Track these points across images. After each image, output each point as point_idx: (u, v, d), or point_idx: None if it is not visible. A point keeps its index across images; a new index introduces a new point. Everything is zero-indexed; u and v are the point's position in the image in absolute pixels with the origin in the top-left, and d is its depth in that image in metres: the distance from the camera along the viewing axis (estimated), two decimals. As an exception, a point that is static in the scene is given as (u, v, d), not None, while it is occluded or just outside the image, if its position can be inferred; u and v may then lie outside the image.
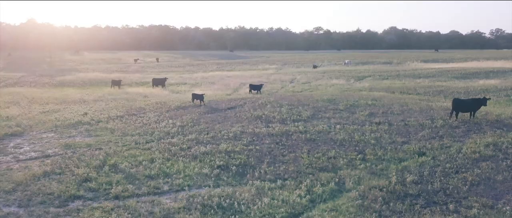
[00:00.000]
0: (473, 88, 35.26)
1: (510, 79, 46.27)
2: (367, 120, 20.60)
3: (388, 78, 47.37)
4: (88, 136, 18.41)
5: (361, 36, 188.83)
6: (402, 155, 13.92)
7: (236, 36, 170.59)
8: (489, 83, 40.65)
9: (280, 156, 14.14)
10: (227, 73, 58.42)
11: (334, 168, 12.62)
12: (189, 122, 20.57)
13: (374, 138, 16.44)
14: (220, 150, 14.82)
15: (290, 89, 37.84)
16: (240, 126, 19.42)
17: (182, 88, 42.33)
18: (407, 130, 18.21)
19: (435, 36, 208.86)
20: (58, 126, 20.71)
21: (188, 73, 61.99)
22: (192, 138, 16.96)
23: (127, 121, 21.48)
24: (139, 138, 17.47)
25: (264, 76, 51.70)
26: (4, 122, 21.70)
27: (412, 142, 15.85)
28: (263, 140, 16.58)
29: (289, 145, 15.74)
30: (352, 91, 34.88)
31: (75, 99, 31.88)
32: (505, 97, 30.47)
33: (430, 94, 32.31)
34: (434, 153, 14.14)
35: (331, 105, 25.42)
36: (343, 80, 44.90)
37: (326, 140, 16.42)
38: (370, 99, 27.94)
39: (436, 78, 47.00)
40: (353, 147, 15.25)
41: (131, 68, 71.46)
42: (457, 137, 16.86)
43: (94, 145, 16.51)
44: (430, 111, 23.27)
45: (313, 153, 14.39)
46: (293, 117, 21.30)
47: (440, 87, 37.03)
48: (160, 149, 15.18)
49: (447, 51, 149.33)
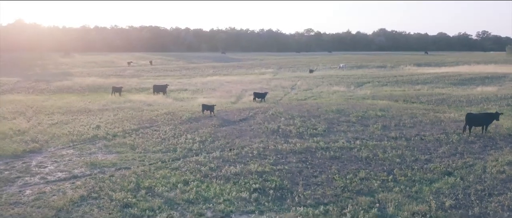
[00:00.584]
0: (473, 96, 35.96)
1: (505, 85, 47.31)
2: (383, 134, 20.94)
3: (388, 85, 47.96)
4: (109, 153, 18.34)
5: (351, 38, 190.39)
6: (430, 176, 14.22)
7: (227, 37, 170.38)
8: (487, 90, 41.50)
9: (312, 177, 14.33)
10: (225, 78, 58.41)
11: (370, 191, 12.86)
12: (207, 137, 20.62)
13: (397, 156, 16.75)
14: (250, 170, 14.93)
15: (293, 97, 38.04)
16: (260, 141, 19.55)
17: (184, 95, 42.23)
18: (425, 145, 18.58)
19: (423, 38, 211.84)
20: (74, 141, 20.57)
21: (186, 78, 61.78)
22: (217, 156, 17.03)
23: (144, 135, 21.42)
24: (163, 156, 17.47)
25: (263, 82, 51.86)
26: (18, 136, 21.46)
27: (435, 160, 16.21)
28: (288, 157, 16.75)
29: (316, 164, 15.94)
30: (355, 99, 35.28)
31: (80, 109, 31.61)
32: (507, 106, 31.18)
33: (433, 103, 32.88)
34: (461, 173, 14.50)
35: (342, 117, 25.72)
36: (344, 87, 45.31)
37: (351, 158, 16.67)
38: (378, 109, 28.34)
39: (434, 85, 47.78)
40: (380, 166, 15.53)
41: (126, 72, 70.89)
42: (476, 153, 17.29)
43: (119, 164, 16.46)
44: (441, 123, 23.75)
45: (343, 173, 14.62)
46: (309, 131, 21.51)
47: (441, 95, 37.67)
48: (190, 169, 15.22)
49: (436, 54, 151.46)
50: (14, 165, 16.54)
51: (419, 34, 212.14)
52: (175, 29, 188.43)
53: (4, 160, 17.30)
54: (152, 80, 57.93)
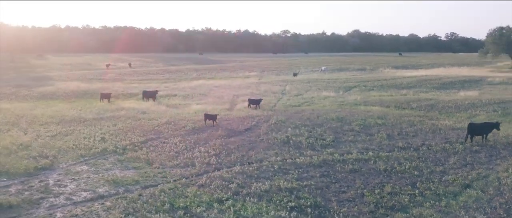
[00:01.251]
0: (460, 102, 37.38)
1: (484, 89, 49.40)
2: (390, 144, 21.60)
3: (374, 89, 49.14)
4: (125, 169, 18.11)
5: (326, 39, 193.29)
6: (452, 189, 14.88)
7: (204, 38, 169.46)
8: (470, 95, 43.21)
9: (341, 193, 14.69)
10: (212, 82, 58.22)
11: (402, 206, 13.35)
12: (220, 149, 20.67)
13: (413, 167, 17.38)
14: (279, 187, 15.14)
15: (287, 103, 38.42)
16: (274, 154, 19.79)
17: (175, 101, 41.87)
18: (435, 156, 19.33)
19: (395, 39, 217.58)
20: (84, 156, 20.17)
21: (171, 82, 61.16)
22: (238, 171, 17.16)
23: (155, 148, 21.24)
24: (183, 171, 17.43)
25: (252, 86, 52.05)
26: (22, 151, 20.82)
27: (450, 171, 16.94)
28: (309, 172, 17.07)
29: (339, 178, 16.33)
30: (349, 105, 36.01)
31: (73, 118, 30.88)
32: (494, 112, 32.62)
33: (424, 109, 33.96)
34: (479, 185, 15.25)
35: (345, 125, 26.30)
36: (333, 92, 46.09)
37: (370, 171, 17.17)
38: (376, 117, 29.11)
39: (418, 89, 49.31)
40: (401, 179, 16.08)
41: (107, 76, 69.48)
42: (485, 163, 18.16)
43: (142, 181, 16.32)
44: (440, 132, 24.68)
45: (370, 188, 15.07)
46: (319, 142, 21.92)
47: (429, 100, 38.93)
48: (217, 186, 15.28)
49: (410, 55, 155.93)
50: (32, 184, 16.12)
51: (392, 35, 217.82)
52: (150, 30, 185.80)
53: (18, 179, 16.82)
54: (137, 85, 57.08)
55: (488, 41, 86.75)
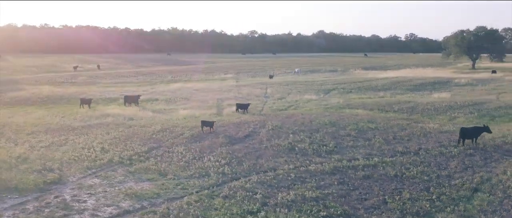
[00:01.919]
0: (437, 104, 39.28)
1: (454, 91, 52.07)
2: (390, 149, 22.55)
3: (352, 92, 50.67)
4: (140, 181, 17.92)
5: (293, 40, 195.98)
6: (463, 193, 15.89)
7: (171, 38, 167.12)
8: (443, 97, 45.45)
9: (364, 201, 15.32)
10: (190, 85, 57.82)
11: (426, 212, 14.14)
12: (230, 158, 20.80)
13: (420, 172, 18.33)
14: (304, 196, 15.56)
15: (273, 107, 38.93)
16: (284, 161, 20.21)
17: (159, 106, 41.43)
18: (436, 160, 20.43)
19: (359, 40, 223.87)
20: (91, 168, 19.74)
21: (148, 85, 60.23)
22: (257, 180, 17.43)
23: (161, 158, 21.08)
24: (201, 182, 17.48)
25: (233, 89, 52.23)
26: (22, 164, 20.05)
27: (455, 176, 18.02)
28: (325, 179, 17.61)
29: (355, 185, 16.97)
30: (334, 109, 36.95)
31: (60, 126, 29.92)
32: (470, 114, 34.57)
33: (406, 112, 35.33)
34: (486, 188, 16.37)
35: (340, 130, 27.10)
36: (314, 95, 47.12)
37: (382, 177, 17.96)
38: (366, 121, 30.14)
39: (394, 91, 51.32)
40: (414, 184, 16.94)
41: (79, 79, 67.36)
42: (482, 166, 19.42)
43: (163, 194, 16.24)
44: (431, 135, 25.96)
45: (389, 194, 15.81)
46: (323, 148, 22.54)
47: (407, 102, 40.60)
48: (243, 197, 15.48)
49: (373, 55, 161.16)
50: (48, 201, 15.65)
51: (355, 36, 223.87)
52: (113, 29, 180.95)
53: (31, 195, 16.28)
54: (113, 88, 55.78)
55: (451, 43, 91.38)
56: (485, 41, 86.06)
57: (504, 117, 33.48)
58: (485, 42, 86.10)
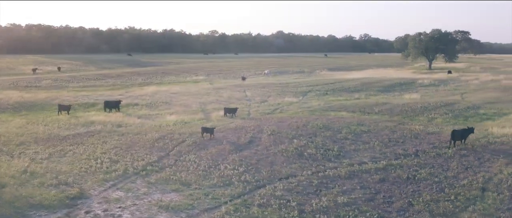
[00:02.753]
0: (412, 105, 41.57)
1: (421, 91, 55.10)
2: (391, 152, 23.92)
3: (328, 94, 52.35)
4: (166, 192, 17.96)
5: (253, 40, 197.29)
6: (475, 193, 17.42)
7: (130, 38, 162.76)
8: (414, 98, 48.03)
9: (390, 203, 16.41)
10: (165, 88, 57.05)
11: (452, 213, 15.42)
12: (245, 165, 21.20)
13: (429, 174, 19.77)
14: (336, 202, 16.38)
15: (259, 110, 39.53)
16: (299, 167, 20.95)
17: (141, 111, 40.77)
18: (436, 162, 22.01)
19: (316, 40, 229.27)
20: (107, 180, 19.48)
21: (120, 88, 58.78)
22: (283, 188, 18.01)
23: (177, 167, 21.12)
24: (229, 191, 17.79)
25: (212, 93, 52.23)
26: (35, 179, 19.39)
27: (460, 176, 19.62)
28: (346, 184, 18.55)
29: (377, 188, 18.05)
30: (319, 112, 38.17)
31: (48, 135, 28.83)
32: (446, 115, 36.92)
33: (387, 114, 37.23)
34: (491, 187, 18.03)
35: (337, 134, 28.24)
36: (293, 97, 48.27)
37: (396, 179, 19.19)
38: (356, 124, 31.49)
39: (367, 92, 53.55)
40: (428, 186, 18.27)
41: (43, 83, 64.37)
42: (478, 166, 21.20)
43: (196, 205, 16.45)
44: (420, 137, 27.63)
45: (411, 196, 17.03)
46: (329, 153, 23.50)
47: (384, 104, 42.63)
48: (279, 205, 16.04)
49: (333, 55, 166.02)
50: (81, 217, 15.43)
51: (312, 36, 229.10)
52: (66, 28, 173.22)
53: (59, 211, 15.94)
54: (85, 93, 53.97)
55: (410, 45, 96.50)
56: (440, 43, 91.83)
57: (475, 117, 36.27)
58: (441, 44, 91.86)
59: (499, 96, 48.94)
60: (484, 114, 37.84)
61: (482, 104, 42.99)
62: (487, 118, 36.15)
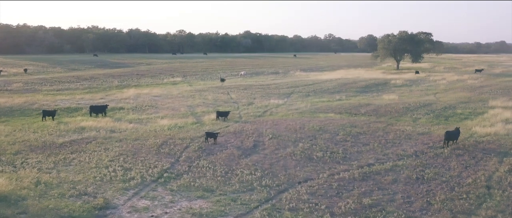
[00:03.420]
0: (394, 105, 43.53)
1: (397, 92, 57.41)
2: (392, 153, 25.18)
3: (310, 95, 53.62)
4: (191, 199, 18.15)
5: (221, 39, 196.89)
6: (482, 190, 18.81)
7: (94, 37, 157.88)
8: (393, 98, 50.09)
9: (411, 203, 17.48)
10: (146, 91, 56.21)
11: (468, 210, 16.67)
12: (261, 170, 21.71)
13: (435, 173, 21.12)
14: (362, 203, 17.24)
15: (249, 113, 40.01)
16: (313, 171, 21.72)
17: (130, 116, 40.13)
18: (437, 161, 23.47)
19: (283, 40, 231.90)
20: (127, 188, 19.41)
21: (97, 92, 57.33)
22: (306, 191, 18.67)
23: (193, 174, 21.29)
24: (254, 196, 18.22)
25: (196, 95, 52.09)
26: (52, 190, 19.03)
27: (463, 175, 21.09)
28: (362, 186, 19.50)
29: (393, 189, 19.08)
30: (308, 114, 39.22)
31: (42, 143, 28.01)
32: (427, 115, 38.97)
33: (373, 115, 38.77)
34: (494, 185, 19.58)
35: (335, 136, 29.23)
36: (278, 99, 49.07)
37: (407, 180, 20.37)
38: (349, 126, 32.71)
39: (346, 93, 55.24)
40: (438, 186, 19.54)
41: (14, 86, 61.60)
42: (475, 165, 22.85)
43: (229, 212, 16.75)
44: (412, 137, 29.16)
45: (427, 196, 18.23)
46: (335, 155, 24.43)
47: (368, 105, 44.29)
48: (309, 209, 16.67)
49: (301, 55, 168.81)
50: (116, 228, 15.45)
51: (278, 36, 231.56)
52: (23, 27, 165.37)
53: (91, 223, 15.85)
54: (62, 97, 52.32)
55: (379, 46, 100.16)
56: (408, 44, 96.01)
57: (454, 117, 38.55)
58: (408, 45, 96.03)
59: (470, 96, 52.11)
60: (461, 113, 40.27)
61: (456, 104, 45.67)
62: (465, 117, 38.50)
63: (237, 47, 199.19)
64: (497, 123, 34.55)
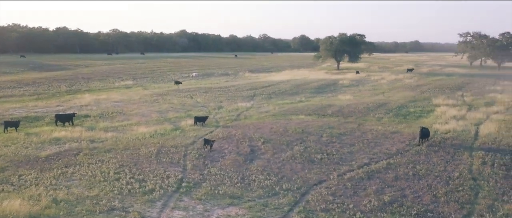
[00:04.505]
0: (354, 106, 46.82)
1: (348, 92, 61.66)
2: (381, 152, 27.56)
3: (272, 97, 55.47)
4: (223, 207, 18.72)
5: (157, 39, 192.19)
6: (471, 182, 21.69)
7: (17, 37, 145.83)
8: (349, 99, 53.69)
9: (420, 198, 19.76)
10: (104, 96, 54.14)
11: (470, 201, 19.39)
12: (274, 174, 22.89)
13: (426, 169, 23.76)
14: (382, 200, 19.17)
15: (225, 117, 40.59)
16: (321, 172, 23.27)
17: (101, 124, 38.66)
18: (420, 157, 26.25)
19: (218, 39, 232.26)
20: (153, 200, 19.46)
21: (52, 98, 54.02)
22: (327, 193, 20.22)
23: (210, 182, 21.77)
24: (282, 200, 19.27)
25: (159, 100, 51.36)
26: (75, 207, 18.56)
27: (448, 169, 23.92)
28: (373, 184, 21.52)
29: (400, 186, 21.27)
30: (281, 116, 40.91)
31: (24, 158, 26.54)
32: (387, 114, 42.73)
33: (339, 115, 41.42)
34: (478, 177, 22.72)
35: (320, 138, 31.13)
36: (245, 102, 50.22)
37: (406, 177, 22.71)
38: (327, 127, 34.91)
39: (304, 95, 57.94)
40: (434, 180, 22.23)
41: None
42: (454, 160, 25.97)
43: (268, 217, 17.83)
44: (388, 136, 32.08)
45: (429, 191, 20.71)
46: (332, 156, 26.36)
47: (330, 106, 47.06)
48: (338, 209, 18.15)
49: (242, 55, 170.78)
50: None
51: (214, 35, 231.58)
52: None
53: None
54: (9, 105, 48.58)
55: (322, 48, 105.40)
56: (347, 45, 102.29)
57: (411, 115, 42.63)
58: (347, 46, 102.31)
59: (414, 95, 57.52)
60: (415, 112, 44.60)
61: (407, 103, 50.37)
62: (419, 115, 42.75)
63: (174, 46, 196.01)
64: (449, 120, 39.07)
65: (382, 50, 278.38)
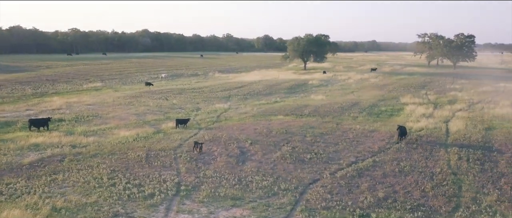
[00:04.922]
0: (329, 106, 48.19)
1: (319, 92, 63.28)
2: (365, 150, 28.81)
3: (248, 98, 55.99)
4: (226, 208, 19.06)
5: (118, 38, 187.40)
6: (452, 177, 23.32)
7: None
8: (321, 98, 55.14)
9: (411, 194, 21.10)
10: (75, 99, 52.61)
11: (455, 194, 20.87)
12: (269, 175, 23.47)
13: (410, 166, 25.14)
14: (377, 197, 20.28)
15: (206, 119, 40.72)
16: (313, 171, 24.12)
17: (79, 128, 37.71)
18: (402, 154, 27.71)
19: (181, 39, 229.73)
20: (155, 205, 19.54)
21: (19, 102, 51.92)
22: (325, 191, 21.09)
23: (208, 184, 22.06)
24: (283, 200, 19.84)
25: (134, 102, 50.59)
26: (77, 215, 18.35)
27: (429, 165, 25.56)
28: (363, 182, 22.59)
29: (390, 182, 22.51)
30: (261, 117, 41.53)
31: (7, 165, 25.83)
32: (361, 113, 44.36)
33: (317, 115, 42.66)
34: (457, 171, 24.43)
35: (305, 138, 32.07)
36: (221, 103, 50.49)
37: (393, 173, 23.97)
38: (308, 127, 36.00)
39: (278, 95, 58.87)
40: (419, 176, 23.70)
41: None
42: (432, 156, 27.74)
43: (273, 217, 18.41)
44: (368, 135, 33.48)
45: (417, 186, 22.08)
46: (321, 156, 27.35)
47: (306, 106, 48.10)
48: (340, 205, 19.00)
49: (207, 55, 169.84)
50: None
51: (177, 34, 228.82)
52: None
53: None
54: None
55: (289, 48, 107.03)
56: (314, 46, 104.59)
57: (383, 114, 44.57)
58: (314, 47, 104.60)
59: (382, 94, 59.97)
60: (386, 110, 46.61)
61: (377, 102, 52.49)
62: (390, 114, 44.73)
63: (136, 46, 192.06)
64: (420, 118, 41.25)
65: (343, 49, 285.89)
